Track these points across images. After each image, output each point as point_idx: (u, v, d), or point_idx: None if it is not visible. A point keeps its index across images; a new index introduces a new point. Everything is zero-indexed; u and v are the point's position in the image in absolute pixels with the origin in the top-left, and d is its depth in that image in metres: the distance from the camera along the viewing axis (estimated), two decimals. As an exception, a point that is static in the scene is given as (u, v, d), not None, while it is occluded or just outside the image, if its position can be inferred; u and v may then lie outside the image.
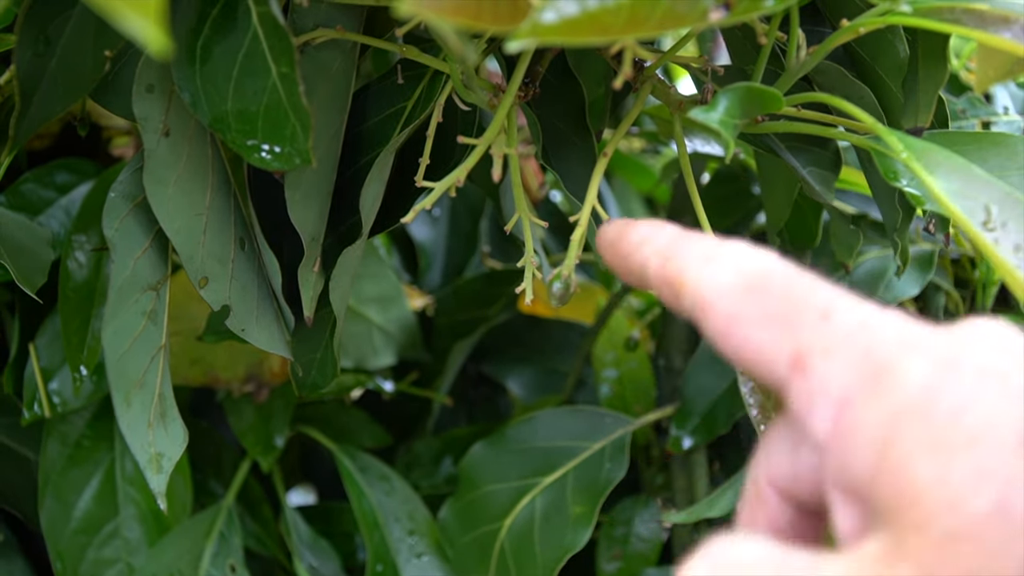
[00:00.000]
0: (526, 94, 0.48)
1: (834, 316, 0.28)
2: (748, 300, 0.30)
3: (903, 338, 0.27)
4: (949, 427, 0.25)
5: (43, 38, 0.46)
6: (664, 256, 0.34)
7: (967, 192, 0.37)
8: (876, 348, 0.27)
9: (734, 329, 0.30)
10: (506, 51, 0.30)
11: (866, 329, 0.28)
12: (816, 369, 0.28)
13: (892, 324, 0.28)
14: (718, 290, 0.31)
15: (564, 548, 0.68)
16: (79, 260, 0.63)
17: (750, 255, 0.31)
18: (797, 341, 0.29)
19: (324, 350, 0.54)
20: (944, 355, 0.26)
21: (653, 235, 0.35)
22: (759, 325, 0.30)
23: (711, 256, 0.32)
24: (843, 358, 0.28)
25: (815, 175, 0.54)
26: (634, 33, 0.32)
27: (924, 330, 0.28)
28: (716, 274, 0.31)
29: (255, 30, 0.42)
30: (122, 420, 0.48)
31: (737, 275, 0.31)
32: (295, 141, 0.42)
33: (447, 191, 0.46)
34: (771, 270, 0.31)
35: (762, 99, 0.40)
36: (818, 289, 0.30)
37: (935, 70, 0.49)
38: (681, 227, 0.35)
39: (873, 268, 0.73)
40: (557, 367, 0.95)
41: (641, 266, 0.35)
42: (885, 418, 0.26)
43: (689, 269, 0.32)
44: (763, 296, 0.30)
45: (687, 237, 0.34)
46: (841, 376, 0.27)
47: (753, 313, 0.30)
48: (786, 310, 0.29)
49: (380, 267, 0.86)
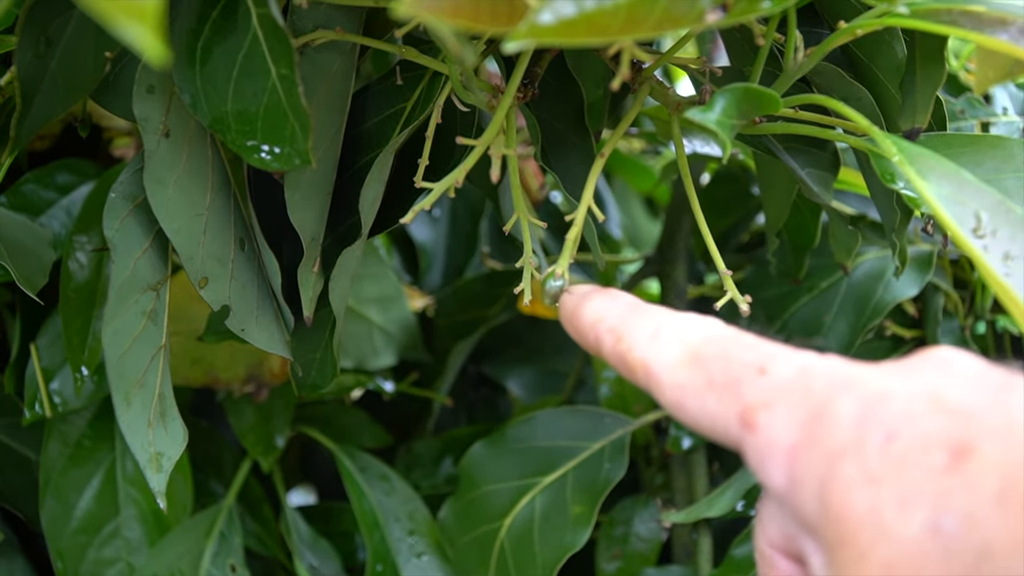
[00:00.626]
0: (525, 95, 0.48)
1: (771, 369, 0.30)
2: (692, 371, 0.32)
3: (836, 379, 0.28)
4: (878, 457, 0.26)
5: (44, 39, 0.47)
6: (615, 335, 0.35)
7: (958, 198, 0.37)
8: (812, 392, 0.28)
9: (684, 400, 0.32)
10: (504, 52, 0.30)
11: (802, 375, 0.29)
12: (760, 424, 0.29)
13: (827, 367, 0.29)
14: (664, 366, 0.33)
15: (564, 548, 0.68)
16: (80, 261, 0.63)
17: (691, 327, 0.33)
18: (741, 400, 0.30)
19: (324, 350, 0.54)
20: (876, 388, 0.27)
21: (605, 313, 0.37)
22: (705, 393, 0.31)
23: (655, 333, 0.34)
24: (783, 408, 0.29)
25: (813, 176, 0.54)
26: (631, 34, 0.32)
27: (861, 368, 0.28)
28: (661, 351, 0.33)
29: (255, 31, 0.42)
30: (122, 419, 0.48)
31: (681, 349, 0.32)
32: (294, 142, 0.42)
33: (446, 191, 0.46)
34: (710, 338, 0.32)
35: (759, 100, 0.41)
36: (755, 347, 0.31)
37: (933, 71, 0.49)
38: (631, 296, 0.37)
39: (872, 269, 0.73)
40: (557, 367, 0.95)
41: (596, 343, 0.37)
42: (823, 461, 0.27)
43: (636, 348, 0.34)
44: (705, 365, 0.31)
45: (636, 313, 0.36)
46: (784, 427, 0.28)
47: (698, 382, 0.31)
48: (727, 373, 0.31)
49: (380, 268, 0.86)
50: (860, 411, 0.27)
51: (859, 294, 0.72)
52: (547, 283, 0.42)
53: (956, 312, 0.78)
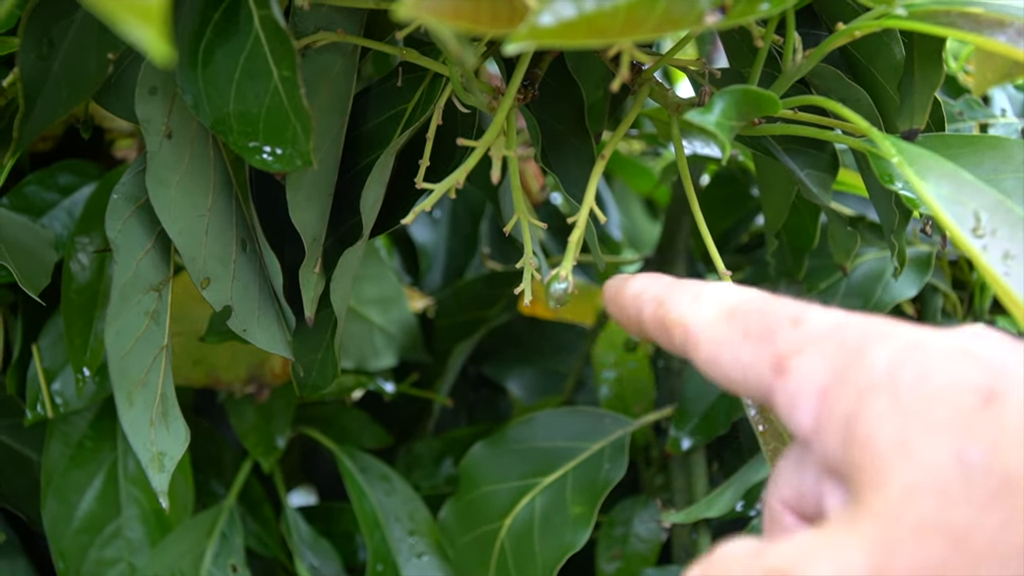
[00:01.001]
0: (525, 96, 0.48)
1: (806, 321, 0.30)
2: (729, 325, 0.32)
3: (871, 329, 0.29)
4: (910, 393, 0.26)
5: (47, 41, 0.47)
6: (657, 301, 0.36)
7: (957, 197, 0.38)
8: (847, 340, 0.29)
9: (720, 353, 0.33)
10: (504, 54, 0.31)
11: (838, 327, 0.30)
12: (793, 369, 0.30)
13: (863, 320, 0.30)
14: (703, 322, 0.33)
15: (564, 548, 0.68)
16: (82, 262, 0.63)
17: (731, 290, 0.34)
18: (775, 348, 0.30)
19: (325, 351, 0.54)
20: (911, 338, 0.28)
21: (649, 285, 0.38)
22: (741, 344, 0.32)
23: (696, 295, 0.35)
24: (817, 354, 0.29)
25: (812, 177, 0.55)
26: (631, 36, 0.32)
27: (897, 323, 0.29)
28: (701, 309, 0.34)
29: (257, 33, 0.43)
30: (124, 419, 0.48)
31: (719, 307, 0.33)
32: (296, 143, 0.43)
33: (447, 192, 0.46)
34: (748, 298, 0.33)
35: (758, 102, 0.41)
36: (790, 303, 0.32)
37: (931, 72, 0.49)
38: (673, 278, 0.38)
39: (871, 270, 0.73)
40: (557, 368, 0.95)
41: (638, 312, 0.37)
42: (853, 398, 0.27)
43: (678, 308, 0.35)
44: (741, 319, 0.32)
45: (678, 284, 0.37)
46: (817, 371, 0.29)
47: (735, 335, 0.32)
48: (762, 325, 0.31)
49: (381, 269, 0.86)
50: (894, 356, 0.27)
51: (858, 295, 0.73)
52: (551, 286, 0.43)
53: (955, 312, 0.78)
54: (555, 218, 1.06)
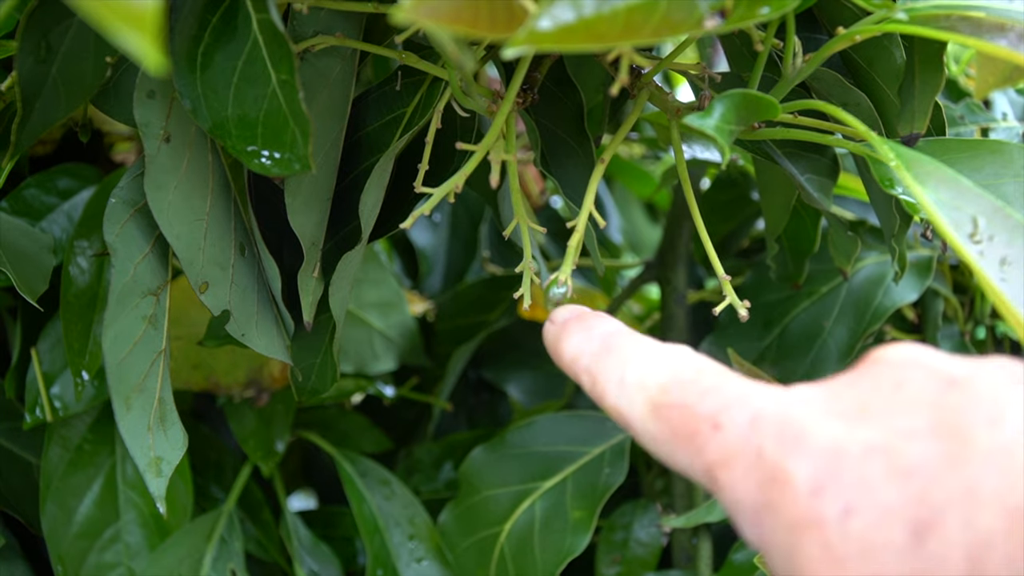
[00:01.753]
0: (524, 100, 0.48)
1: (724, 424, 0.30)
2: (656, 423, 0.32)
3: (786, 434, 0.28)
4: (839, 536, 0.25)
5: (44, 44, 0.47)
6: (591, 377, 0.36)
7: (955, 203, 0.37)
8: (766, 453, 0.28)
9: (657, 450, 0.32)
10: (503, 58, 0.30)
11: (753, 430, 0.29)
12: (723, 483, 0.29)
13: (777, 416, 0.28)
14: (634, 418, 0.33)
15: (564, 552, 0.68)
16: (81, 266, 0.63)
17: (653, 370, 0.33)
18: (703, 458, 0.30)
19: (324, 355, 0.54)
20: (827, 444, 0.27)
21: (580, 351, 0.37)
22: (672, 446, 0.31)
23: (621, 379, 0.34)
24: (740, 468, 0.28)
25: (813, 182, 0.54)
26: (630, 40, 0.32)
27: (810, 411, 0.28)
28: (628, 402, 0.33)
29: (255, 37, 0.42)
30: (122, 424, 0.48)
31: (643, 398, 0.33)
32: (295, 147, 0.42)
33: (446, 196, 0.46)
34: (669, 385, 0.32)
35: (758, 106, 0.41)
36: (711, 393, 0.31)
37: (932, 76, 0.49)
38: (607, 321, 0.38)
39: (871, 274, 0.73)
40: (557, 372, 0.94)
41: (577, 379, 0.37)
42: (785, 531, 0.26)
43: (608, 394, 0.34)
44: (666, 417, 0.32)
45: (607, 354, 0.36)
46: (743, 488, 0.28)
47: (664, 435, 0.32)
48: (686, 428, 0.31)
49: (381, 272, 0.86)
50: (814, 477, 0.26)
51: (859, 299, 0.72)
52: (550, 291, 0.42)
53: (956, 317, 0.78)
54: (554, 222, 1.06)
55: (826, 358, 0.72)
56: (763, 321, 0.75)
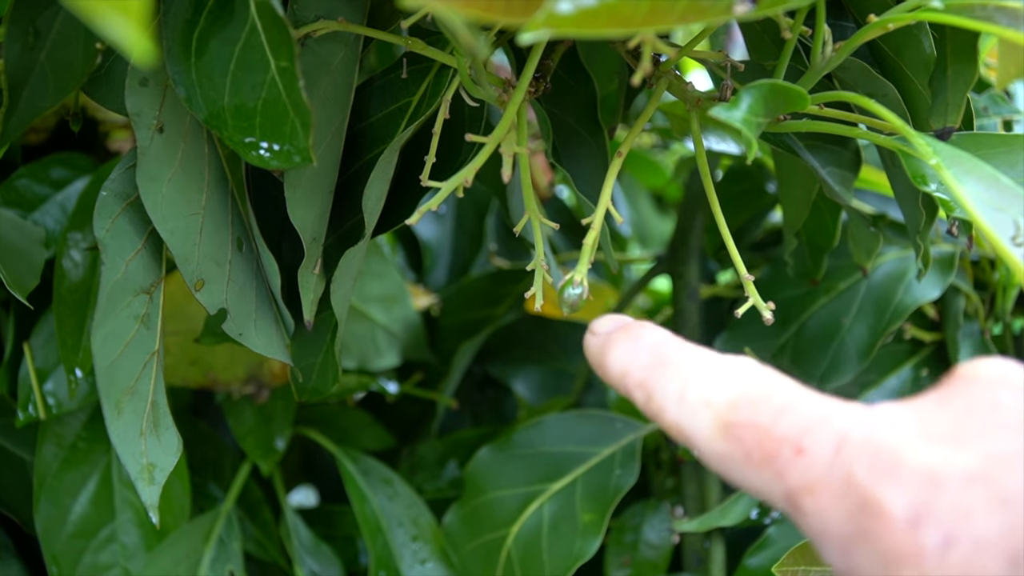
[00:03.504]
0: (537, 89, 0.46)
1: (807, 449, 0.28)
2: (727, 443, 0.30)
3: (878, 462, 0.27)
4: (937, 569, 0.25)
5: (32, 31, 0.45)
6: (645, 393, 0.34)
7: (997, 203, 0.36)
8: (855, 481, 0.27)
9: (728, 471, 0.31)
10: (519, 43, 0.28)
11: (841, 457, 0.28)
12: (807, 510, 0.28)
13: (865, 442, 0.27)
14: (700, 437, 0.31)
15: (573, 557, 0.66)
16: (74, 259, 0.61)
17: (716, 383, 0.32)
18: (783, 483, 0.29)
19: (325, 354, 0.52)
20: (924, 473, 0.26)
21: (629, 365, 0.35)
22: (746, 468, 0.30)
23: (682, 396, 0.32)
24: (827, 496, 0.28)
25: (835, 175, 0.53)
26: (654, 26, 0.30)
27: (903, 436, 0.27)
28: (693, 420, 0.32)
29: (253, 22, 0.41)
30: (112, 429, 0.46)
31: (711, 417, 0.31)
32: (295, 139, 0.41)
33: (454, 190, 0.44)
34: (737, 402, 0.31)
35: (787, 97, 0.39)
36: (786, 414, 0.30)
37: (965, 68, 0.47)
38: (653, 331, 0.36)
39: (892, 270, 0.71)
40: (565, 368, 0.93)
41: (628, 396, 0.35)
42: (880, 563, 0.26)
43: (667, 411, 0.33)
44: (738, 438, 0.30)
45: (661, 368, 0.34)
46: (832, 517, 0.27)
47: (737, 456, 0.30)
48: (763, 449, 0.29)
49: (384, 265, 0.84)
50: (911, 507, 0.25)
51: (879, 296, 0.70)
52: (565, 291, 0.40)
53: (976, 315, 0.76)
54: (562, 214, 1.05)
55: (845, 357, 0.70)
56: (780, 318, 0.73)
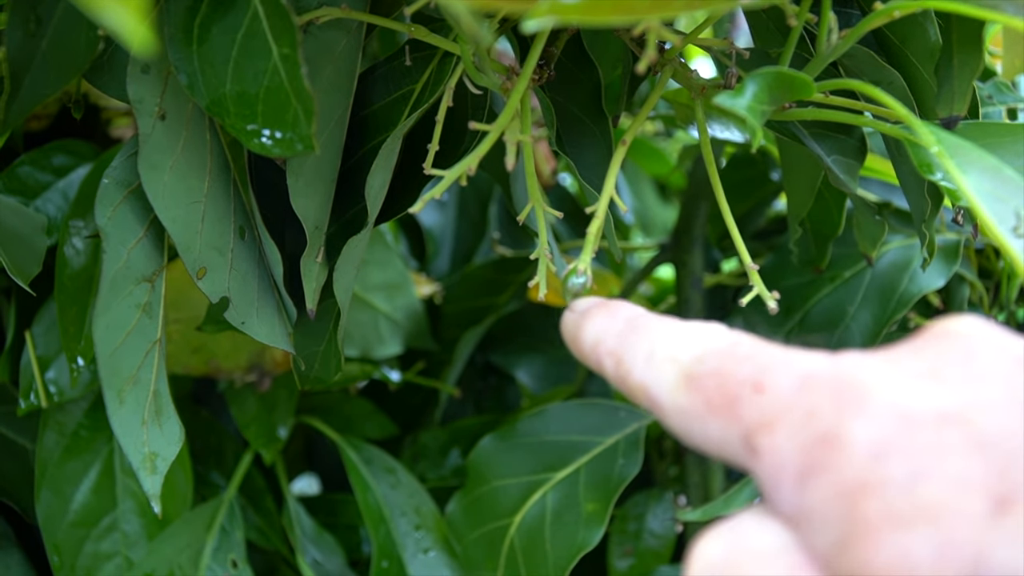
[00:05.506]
0: (541, 77, 0.46)
1: (768, 385, 0.27)
2: (689, 395, 0.29)
3: (844, 393, 0.25)
4: (905, 499, 0.23)
5: (34, 17, 0.45)
6: (615, 358, 0.33)
7: (999, 194, 0.35)
8: (817, 409, 0.25)
9: (688, 428, 0.29)
10: (523, 31, 0.28)
11: (803, 388, 0.26)
12: (763, 449, 0.26)
13: (832, 376, 0.26)
14: (663, 391, 0.30)
15: (576, 546, 0.66)
16: (76, 246, 0.61)
17: (685, 342, 0.31)
18: (742, 424, 0.27)
19: (327, 343, 0.52)
20: (894, 408, 0.24)
21: (604, 334, 0.34)
22: (706, 417, 0.28)
23: (650, 354, 0.31)
24: (785, 430, 0.26)
25: (840, 163, 0.52)
26: (660, 12, 0.30)
27: (873, 372, 0.26)
28: (658, 374, 0.30)
29: (255, 8, 0.40)
30: (114, 418, 0.46)
31: (675, 370, 0.30)
32: (297, 126, 0.40)
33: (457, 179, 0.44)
34: (703, 354, 0.29)
35: (792, 85, 0.38)
36: (752, 358, 0.28)
37: (971, 57, 0.47)
38: (631, 307, 0.35)
39: (896, 259, 0.71)
40: (568, 357, 0.93)
41: (599, 367, 0.34)
42: (838, 494, 0.24)
43: (634, 371, 0.32)
44: (701, 386, 0.29)
45: (633, 332, 0.33)
46: (788, 451, 0.26)
47: (698, 407, 0.29)
48: (724, 394, 0.28)
49: (386, 253, 0.84)
50: (878, 439, 0.24)
51: (884, 285, 0.70)
52: (568, 280, 0.40)
53: (981, 303, 0.76)
54: (565, 202, 1.04)
55: (849, 345, 0.70)
56: (784, 307, 0.73)
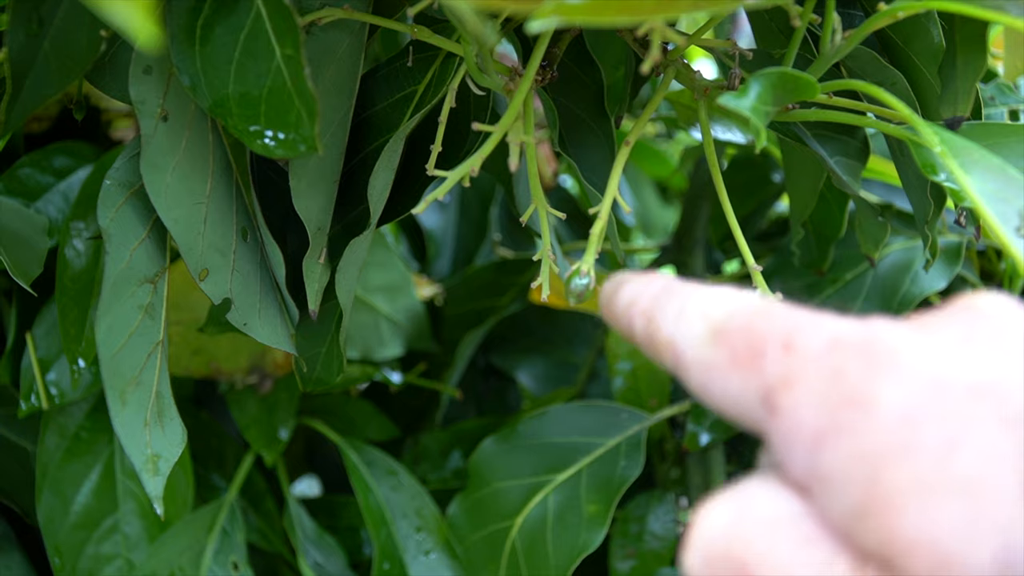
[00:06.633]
0: (543, 78, 0.46)
1: (797, 343, 0.26)
2: (715, 348, 0.28)
3: (875, 355, 0.24)
4: (937, 468, 0.22)
5: (35, 18, 0.44)
6: (646, 317, 0.32)
7: (1003, 195, 0.35)
8: (845, 371, 0.24)
9: (709, 381, 0.28)
10: (527, 31, 0.28)
11: (833, 350, 0.25)
12: (781, 407, 0.25)
13: (863, 338, 0.25)
14: (688, 343, 0.29)
15: (578, 548, 0.66)
16: (77, 248, 0.61)
17: (719, 301, 0.29)
18: (764, 380, 0.26)
19: (330, 344, 0.52)
20: (927, 374, 0.24)
21: (638, 295, 0.33)
22: (729, 372, 0.27)
23: (682, 310, 0.30)
24: (809, 388, 0.25)
25: (842, 165, 0.52)
26: (664, 13, 0.30)
27: (904, 338, 0.25)
28: (686, 328, 0.29)
29: (258, 9, 0.40)
30: (116, 420, 0.46)
31: (704, 324, 0.29)
32: (300, 127, 0.40)
33: (460, 180, 0.44)
34: (736, 311, 0.28)
35: (796, 86, 0.38)
36: (783, 317, 0.27)
37: (974, 58, 0.47)
38: (669, 277, 0.34)
39: (898, 260, 0.71)
40: (569, 359, 0.93)
41: (629, 327, 0.33)
42: (862, 458, 0.23)
43: (664, 327, 0.31)
44: (728, 340, 0.28)
45: (667, 294, 0.32)
46: (809, 410, 0.25)
47: (722, 361, 0.28)
48: (751, 349, 0.27)
49: (387, 255, 0.84)
50: (910, 404, 0.23)
51: (886, 286, 0.70)
52: (572, 281, 0.40)
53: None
54: (566, 203, 1.04)
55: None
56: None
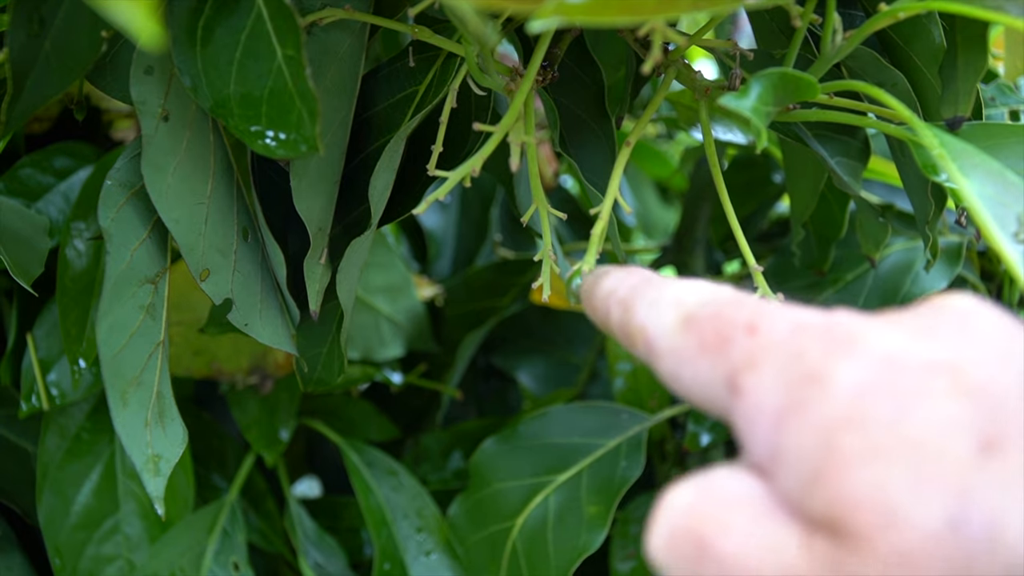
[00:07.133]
0: (544, 78, 0.46)
1: (762, 328, 0.26)
2: (685, 335, 0.29)
3: (835, 338, 0.25)
4: (887, 434, 0.22)
5: (36, 18, 0.44)
6: (623, 306, 0.33)
7: (1002, 199, 0.35)
8: (806, 352, 0.25)
9: (678, 368, 0.29)
10: (528, 31, 0.28)
11: (796, 333, 0.26)
12: (745, 389, 0.26)
13: (825, 324, 0.26)
14: (660, 331, 0.30)
15: (578, 549, 0.66)
16: (78, 248, 0.61)
17: (691, 290, 0.30)
18: (728, 363, 0.27)
19: (331, 344, 0.52)
20: (884, 352, 0.24)
21: (617, 286, 0.34)
22: (697, 358, 0.28)
23: (655, 300, 0.31)
24: (770, 369, 0.25)
25: (843, 165, 0.52)
26: (666, 13, 0.30)
27: (865, 324, 0.25)
28: (659, 317, 0.30)
29: (259, 10, 0.40)
30: (117, 420, 0.46)
31: (676, 312, 0.30)
32: (301, 127, 0.40)
33: (460, 180, 0.44)
34: (707, 300, 0.29)
35: (797, 86, 0.38)
36: (750, 305, 0.28)
37: (975, 58, 0.47)
38: (650, 271, 0.34)
39: (899, 261, 0.71)
40: (570, 359, 0.93)
41: (606, 317, 0.34)
42: (816, 431, 0.24)
43: (637, 316, 0.31)
44: (697, 327, 0.28)
45: (645, 284, 0.33)
46: (770, 390, 0.25)
47: (691, 347, 0.28)
48: (717, 335, 0.27)
49: (388, 255, 0.84)
50: (864, 379, 0.23)
51: (886, 287, 0.70)
52: (572, 282, 0.40)
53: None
54: (567, 203, 1.04)
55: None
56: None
